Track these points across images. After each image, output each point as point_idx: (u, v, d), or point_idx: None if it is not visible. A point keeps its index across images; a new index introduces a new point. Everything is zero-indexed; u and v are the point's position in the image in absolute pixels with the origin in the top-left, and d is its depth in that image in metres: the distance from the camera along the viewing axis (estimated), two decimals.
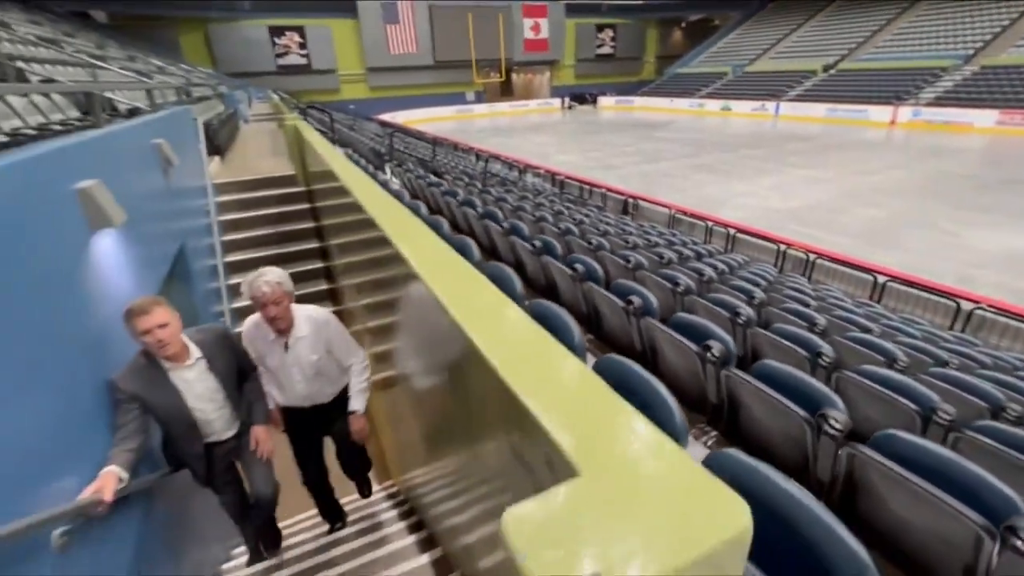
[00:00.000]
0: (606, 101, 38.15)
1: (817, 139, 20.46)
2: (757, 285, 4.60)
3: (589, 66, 39.30)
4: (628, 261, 4.30)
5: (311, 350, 2.35)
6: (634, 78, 40.55)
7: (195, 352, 2.10)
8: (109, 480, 1.60)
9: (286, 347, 2.34)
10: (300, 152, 6.33)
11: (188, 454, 2.19)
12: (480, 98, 36.28)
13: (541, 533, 0.52)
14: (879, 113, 23.29)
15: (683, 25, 42.11)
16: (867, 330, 3.58)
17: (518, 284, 1.94)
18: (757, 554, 0.96)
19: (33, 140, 2.71)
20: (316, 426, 2.62)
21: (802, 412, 1.68)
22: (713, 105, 30.99)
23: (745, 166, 15.94)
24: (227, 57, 27.34)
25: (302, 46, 29.41)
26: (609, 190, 11.15)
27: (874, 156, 16.85)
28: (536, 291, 4.26)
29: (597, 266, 3.69)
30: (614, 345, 3.36)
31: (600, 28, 38.39)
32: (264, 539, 2.76)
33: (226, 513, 2.51)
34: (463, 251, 2.07)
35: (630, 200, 10.29)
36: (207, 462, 2.24)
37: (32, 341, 1.52)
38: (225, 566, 3.02)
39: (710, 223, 8.49)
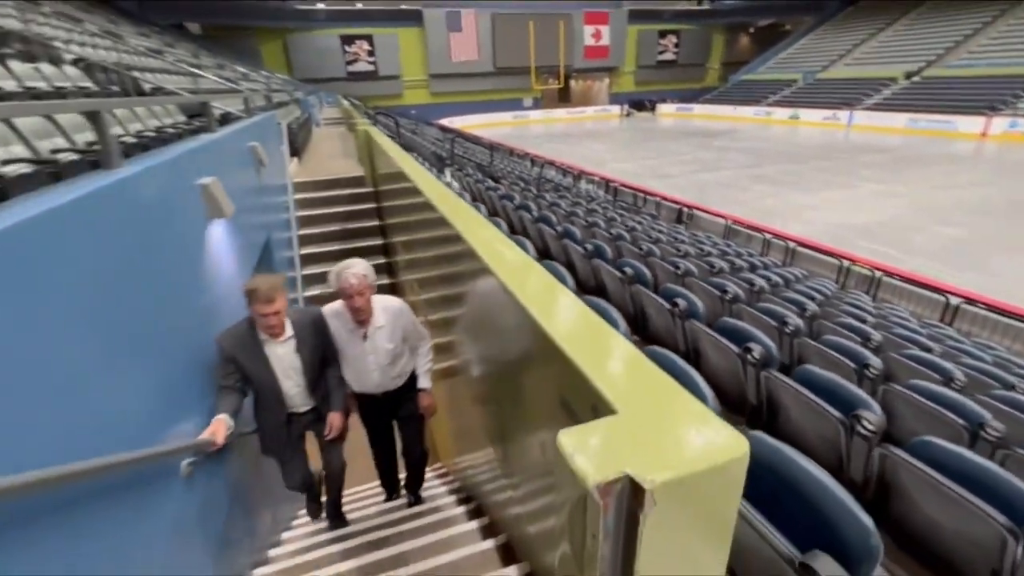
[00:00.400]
0: (666, 108, 37.50)
1: (895, 151, 19.26)
2: (811, 298, 4.52)
3: (649, 72, 38.80)
4: (677, 268, 4.36)
5: (388, 339, 2.44)
6: (696, 85, 39.62)
7: (289, 330, 2.29)
8: (220, 426, 1.91)
9: (364, 337, 2.43)
10: (370, 155, 6.81)
11: (271, 421, 2.38)
12: (537, 104, 36.65)
13: (586, 446, 0.71)
14: (968, 124, 21.57)
15: (751, 30, 40.73)
16: (927, 349, 3.48)
17: (570, 281, 2.12)
18: (779, 523, 1.10)
19: (156, 142, 3.18)
20: (387, 411, 2.74)
21: (837, 413, 1.75)
22: (781, 113, 29.79)
23: (811, 178, 15.28)
24: (302, 64, 29.19)
25: (370, 53, 30.91)
26: (663, 198, 11.08)
27: (960, 170, 15.68)
28: (586, 292, 4.43)
29: (646, 270, 3.80)
30: (659, 345, 3.46)
31: (663, 34, 37.84)
32: (329, 512, 2.91)
33: (292, 481, 2.63)
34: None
35: (684, 209, 10.18)
36: (287, 430, 2.43)
37: (172, 311, 1.87)
38: (286, 535, 3.20)
39: (768, 235, 8.29)
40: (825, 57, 33.28)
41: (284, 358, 2.28)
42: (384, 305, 2.44)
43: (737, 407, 2.65)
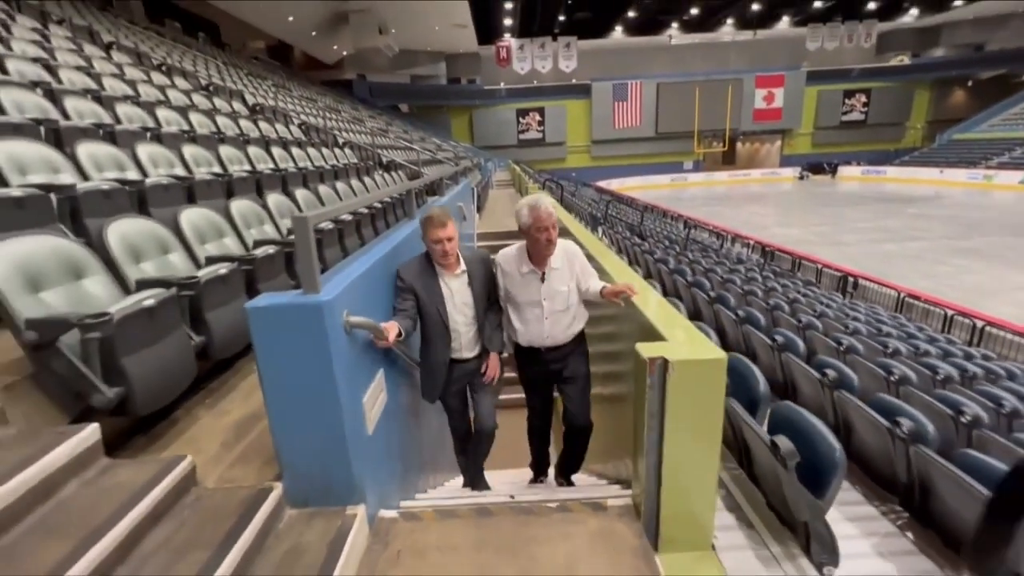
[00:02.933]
0: (849, 171, 34.03)
1: None
2: (1012, 391, 4.01)
3: (830, 134, 35.83)
4: (840, 344, 4.28)
5: (563, 282, 2.34)
6: (891, 146, 35.30)
7: (462, 265, 2.34)
8: (393, 328, 1.90)
9: (542, 279, 2.33)
10: None
11: (436, 360, 2.36)
12: (698, 167, 36.30)
13: (645, 348, 1.42)
14: None
15: (969, 84, 35.27)
16: None
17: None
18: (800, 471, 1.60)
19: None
20: (552, 371, 2.51)
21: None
22: (1006, 177, 24.98)
23: None
24: (482, 134, 33.80)
25: (540, 123, 34.43)
26: (825, 265, 10.36)
27: None
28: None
29: (799, 341, 3.92)
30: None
31: (849, 94, 34.95)
32: (472, 473, 2.83)
33: (455, 427, 2.67)
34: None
35: (849, 278, 9.39)
36: (448, 373, 2.41)
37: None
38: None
39: (950, 312, 7.31)
40: None
41: (456, 292, 2.32)
42: (560, 247, 2.37)
43: (888, 485, 2.62)
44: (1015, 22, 31.13)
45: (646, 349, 1.44)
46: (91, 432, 1.39)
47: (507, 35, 31.12)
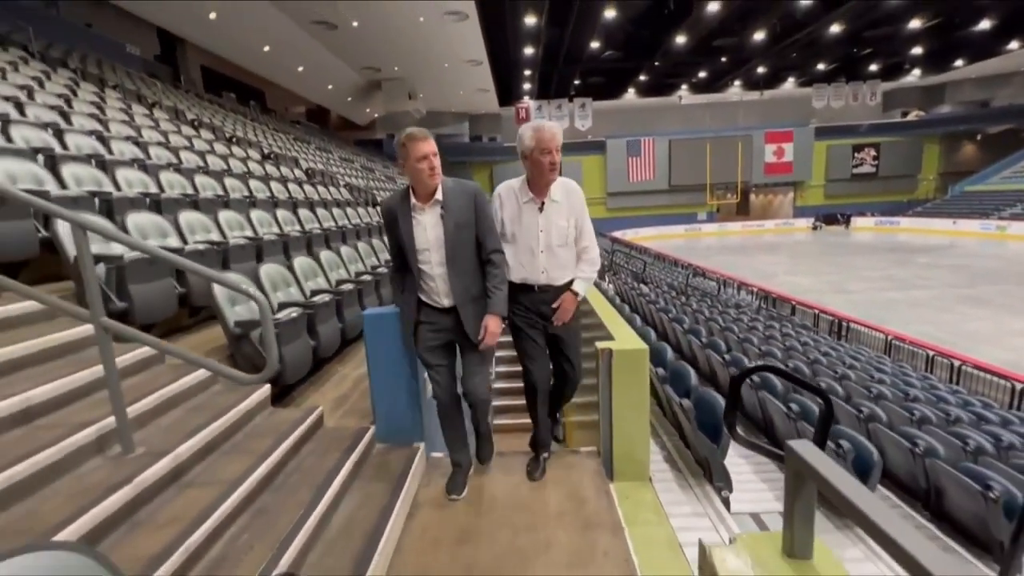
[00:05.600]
0: (862, 222, 34.61)
1: None
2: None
3: (842, 186, 36.74)
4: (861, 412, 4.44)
5: (562, 216, 2.29)
6: (904, 197, 35.95)
7: (438, 197, 2.11)
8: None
9: (541, 208, 2.28)
10: None
11: (407, 301, 2.21)
12: (712, 217, 37.36)
13: (602, 344, 2.31)
14: None
15: (978, 138, 36.15)
16: None
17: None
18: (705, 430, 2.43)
19: None
20: (542, 313, 2.33)
21: None
22: (1019, 228, 25.28)
23: None
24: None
25: None
26: (821, 311, 10.99)
27: None
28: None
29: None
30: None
31: (858, 148, 36.12)
32: (478, 446, 2.47)
33: (438, 389, 2.27)
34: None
35: (842, 323, 9.99)
36: (419, 319, 2.20)
37: None
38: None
39: (931, 353, 7.85)
40: None
41: (428, 228, 2.11)
42: (561, 181, 2.33)
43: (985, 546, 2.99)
44: (1018, 79, 32.29)
45: (601, 344, 2.32)
46: (265, 390, 2.32)
47: (526, 97, 33.63)
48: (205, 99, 15.93)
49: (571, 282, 2.34)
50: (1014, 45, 26.19)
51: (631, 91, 35.34)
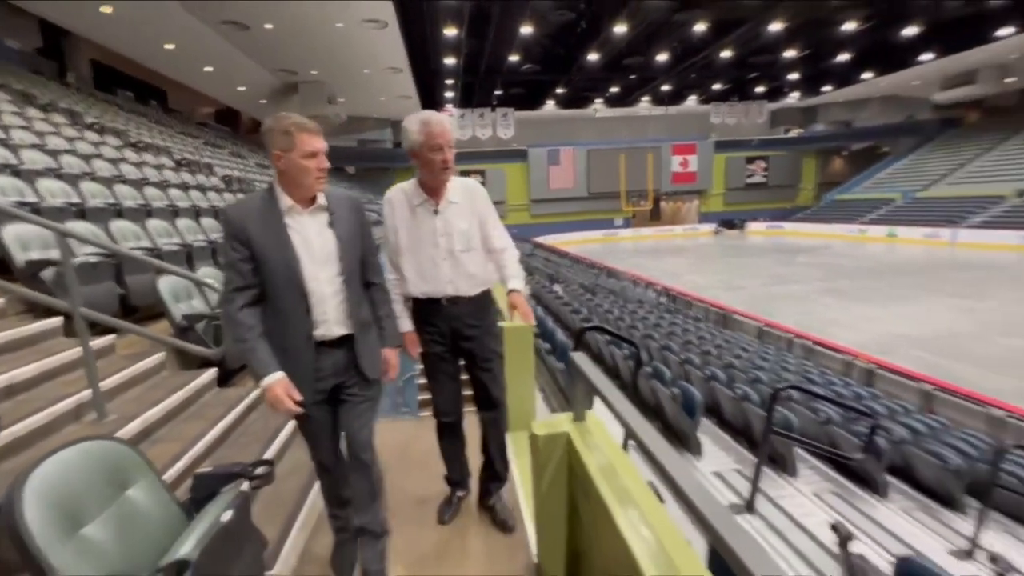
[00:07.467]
0: (756, 226, 38.72)
1: (992, 268, 18.73)
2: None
3: (739, 194, 40.86)
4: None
5: (462, 218, 2.04)
6: (788, 204, 40.71)
7: (322, 202, 1.68)
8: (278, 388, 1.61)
9: (436, 212, 2.01)
10: None
11: (295, 337, 1.64)
12: (628, 223, 39.99)
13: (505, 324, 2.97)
14: None
15: (844, 153, 41.86)
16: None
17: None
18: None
19: None
20: (453, 330, 2.10)
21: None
22: (877, 231, 29.71)
23: (884, 292, 15.68)
24: None
25: (482, 184, 37.00)
26: (711, 304, 12.63)
27: None
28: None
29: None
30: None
31: (750, 160, 40.38)
32: (372, 524, 1.83)
33: (322, 451, 1.84)
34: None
35: (726, 314, 11.61)
36: (312, 359, 1.66)
37: None
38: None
39: (792, 336, 9.46)
40: (926, 177, 33.09)
41: (313, 236, 1.65)
42: (460, 181, 2.10)
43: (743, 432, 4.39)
44: (873, 104, 37.92)
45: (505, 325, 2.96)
46: (211, 373, 2.72)
47: (449, 105, 34.12)
48: (99, 97, 14.90)
49: (487, 292, 2.16)
50: (868, 75, 30.79)
51: (551, 103, 37.01)
